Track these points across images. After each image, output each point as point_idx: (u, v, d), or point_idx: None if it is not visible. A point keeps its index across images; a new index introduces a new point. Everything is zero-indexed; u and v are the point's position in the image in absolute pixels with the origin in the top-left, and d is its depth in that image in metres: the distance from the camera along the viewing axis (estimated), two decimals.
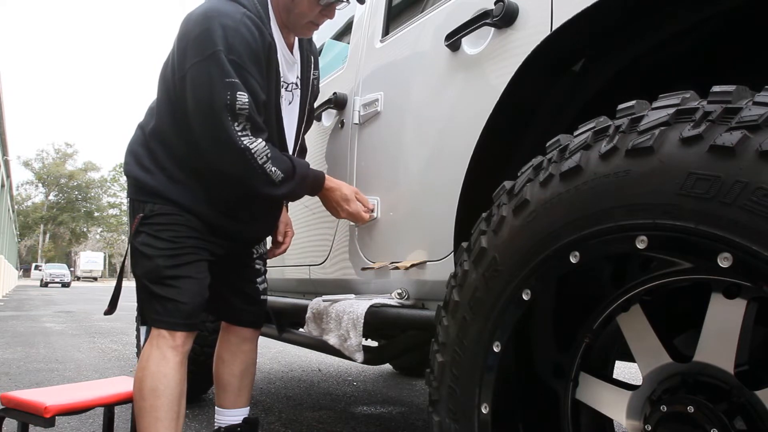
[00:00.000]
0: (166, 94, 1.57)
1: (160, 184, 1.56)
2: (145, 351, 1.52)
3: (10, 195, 29.10)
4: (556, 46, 1.16)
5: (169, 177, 1.56)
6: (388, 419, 2.80)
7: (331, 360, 4.63)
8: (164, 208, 1.55)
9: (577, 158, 0.83)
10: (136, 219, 1.56)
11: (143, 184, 1.57)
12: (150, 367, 1.48)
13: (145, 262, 1.53)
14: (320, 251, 2.03)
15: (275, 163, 1.50)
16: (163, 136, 1.58)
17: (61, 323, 8.23)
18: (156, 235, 1.54)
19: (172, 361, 1.50)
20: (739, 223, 0.64)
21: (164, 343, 1.50)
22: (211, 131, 1.45)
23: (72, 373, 3.94)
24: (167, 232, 1.54)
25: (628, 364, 1.09)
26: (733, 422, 0.73)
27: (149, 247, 1.53)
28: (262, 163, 1.47)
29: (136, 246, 1.55)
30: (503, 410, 0.96)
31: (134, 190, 1.60)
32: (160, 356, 1.49)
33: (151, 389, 1.46)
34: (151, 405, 1.46)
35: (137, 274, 1.56)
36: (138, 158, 1.60)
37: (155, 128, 1.59)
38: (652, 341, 0.84)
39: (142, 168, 1.58)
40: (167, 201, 1.55)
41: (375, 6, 1.92)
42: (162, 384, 1.47)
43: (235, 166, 1.47)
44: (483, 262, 0.96)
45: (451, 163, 1.39)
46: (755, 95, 0.69)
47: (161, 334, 1.51)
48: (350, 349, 1.61)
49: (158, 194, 1.56)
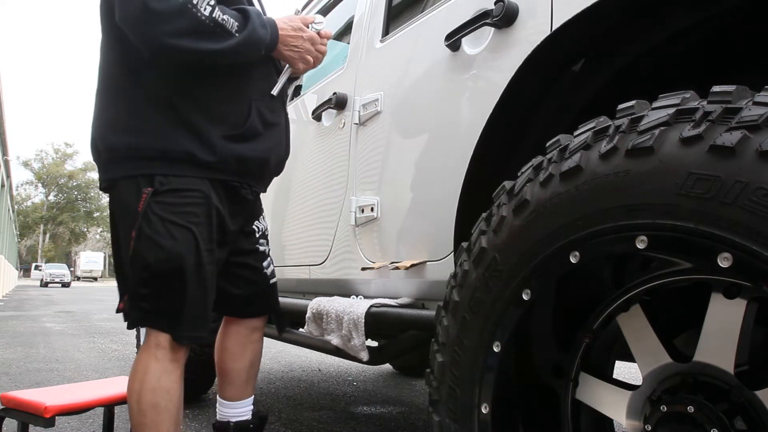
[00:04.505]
0: (110, 39, 1.36)
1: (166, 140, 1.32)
2: (141, 361, 1.35)
3: (10, 195, 29.12)
4: (556, 46, 1.16)
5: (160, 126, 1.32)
6: (388, 419, 2.80)
7: (331, 360, 4.63)
8: (176, 180, 1.33)
9: (577, 158, 0.83)
10: (143, 196, 1.31)
11: (137, 148, 1.32)
12: (149, 381, 1.33)
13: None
14: (320, 251, 2.03)
15: (223, 10, 1.28)
16: (127, 89, 1.35)
17: (61, 323, 8.23)
18: (170, 219, 1.32)
19: (174, 374, 1.35)
20: (739, 223, 0.64)
21: (164, 356, 1.34)
22: (142, 12, 1.22)
23: (72, 373, 3.94)
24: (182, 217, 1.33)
25: (628, 364, 1.09)
26: (733, 422, 0.73)
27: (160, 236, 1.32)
28: (210, 14, 1.25)
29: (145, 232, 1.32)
30: (503, 410, 0.96)
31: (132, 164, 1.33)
32: (161, 370, 1.34)
33: (152, 405, 1.33)
34: (152, 421, 1.33)
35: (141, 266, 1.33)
36: (115, 124, 1.33)
37: (110, 86, 1.37)
38: (652, 341, 0.84)
39: (128, 131, 1.32)
40: (175, 162, 1.32)
41: (375, 6, 1.92)
42: (164, 399, 1.34)
43: (184, 33, 1.23)
44: (483, 262, 0.96)
45: (451, 163, 1.39)
46: (755, 95, 0.69)
47: (161, 344, 1.35)
48: (355, 349, 1.61)
49: (165, 155, 1.31)
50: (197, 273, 1.35)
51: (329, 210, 1.99)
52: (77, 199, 58.73)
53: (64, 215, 56.85)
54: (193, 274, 1.34)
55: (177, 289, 1.33)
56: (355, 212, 1.80)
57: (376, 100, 1.75)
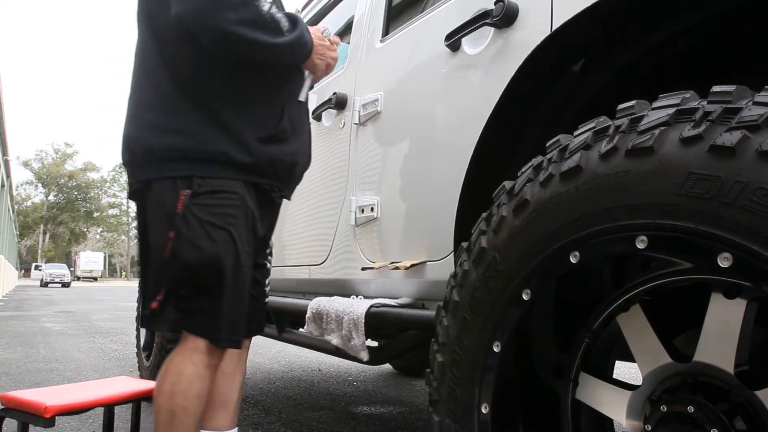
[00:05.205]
0: (155, 41, 1.37)
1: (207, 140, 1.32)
2: (176, 363, 1.33)
3: (10, 195, 29.11)
4: (556, 45, 1.16)
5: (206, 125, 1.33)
6: (388, 419, 2.80)
7: (331, 360, 4.63)
8: (214, 182, 1.33)
9: (577, 158, 0.83)
10: (182, 197, 1.31)
11: (180, 149, 1.32)
12: (181, 384, 1.31)
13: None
14: (320, 251, 2.03)
15: (276, 10, 1.32)
16: (165, 89, 1.36)
17: (61, 323, 8.23)
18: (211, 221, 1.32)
19: (207, 381, 1.34)
20: (739, 223, 0.64)
21: (200, 360, 1.32)
22: (210, 0, 1.25)
23: (72, 373, 3.94)
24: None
25: (628, 364, 1.09)
26: (733, 422, 0.73)
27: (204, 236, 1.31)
28: (268, 9, 1.29)
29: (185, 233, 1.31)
30: (503, 410, 0.96)
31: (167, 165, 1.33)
32: (195, 374, 1.32)
33: (182, 408, 1.31)
34: (180, 423, 1.31)
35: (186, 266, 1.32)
36: (154, 125, 1.34)
37: (150, 89, 1.38)
38: (652, 341, 0.84)
39: (167, 132, 1.33)
40: (213, 163, 1.33)
41: (375, 6, 1.92)
42: (194, 404, 1.32)
43: (247, 23, 1.26)
44: (483, 262, 0.96)
45: (451, 163, 1.39)
46: (755, 95, 0.70)
47: (198, 348, 1.32)
48: (355, 349, 1.61)
49: (203, 157, 1.32)
50: (236, 275, 1.34)
51: (329, 210, 1.99)
52: (77, 199, 58.75)
53: (64, 215, 56.87)
54: (232, 276, 1.33)
55: (216, 291, 1.32)
56: (355, 212, 1.81)
57: (376, 100, 1.75)
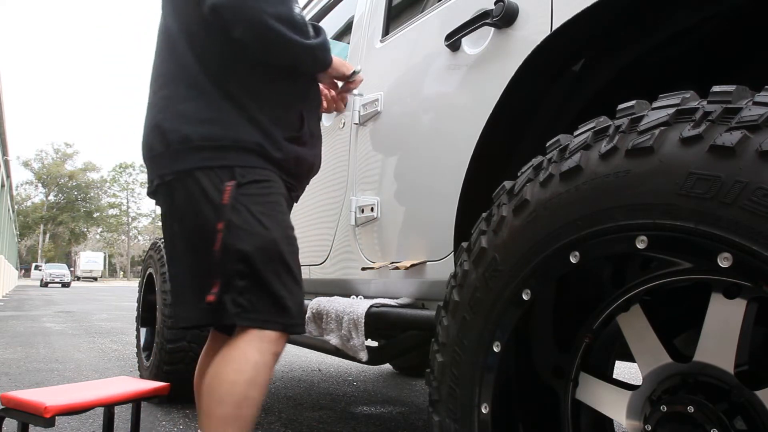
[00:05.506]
0: (186, 27, 1.37)
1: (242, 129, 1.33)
2: (243, 352, 1.29)
3: (10, 195, 29.12)
4: (556, 45, 1.16)
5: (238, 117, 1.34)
6: (388, 419, 2.80)
7: (331, 360, 4.63)
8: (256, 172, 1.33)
9: (577, 158, 0.83)
10: (228, 188, 1.30)
11: (216, 139, 1.32)
12: (248, 372, 1.27)
13: None
14: (320, 251, 2.03)
15: (301, 13, 1.36)
16: (197, 80, 1.35)
17: (61, 323, 8.22)
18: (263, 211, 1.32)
19: (271, 370, 1.32)
20: (739, 223, 0.64)
21: (268, 349, 1.30)
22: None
23: (72, 373, 3.94)
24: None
25: (628, 364, 1.09)
26: (733, 422, 0.73)
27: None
28: (299, 11, 1.33)
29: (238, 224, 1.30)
30: (503, 410, 0.96)
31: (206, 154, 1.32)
32: (261, 363, 1.29)
33: (245, 397, 1.28)
34: (241, 414, 1.28)
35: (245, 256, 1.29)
36: (189, 115, 1.33)
37: (185, 79, 1.36)
38: (652, 341, 0.84)
39: (202, 122, 1.32)
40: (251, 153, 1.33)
41: (375, 6, 1.92)
42: (258, 394, 1.30)
43: (282, 19, 1.28)
44: (483, 262, 0.96)
45: (451, 163, 1.39)
46: (755, 95, 0.69)
47: (265, 337, 1.30)
48: (354, 349, 1.61)
49: (240, 146, 1.32)
50: (293, 259, 1.36)
51: (329, 210, 1.99)
52: (77, 199, 58.78)
53: (64, 215, 56.91)
54: (289, 261, 1.34)
55: (278, 277, 1.31)
56: (355, 212, 1.81)
57: (376, 100, 1.75)
